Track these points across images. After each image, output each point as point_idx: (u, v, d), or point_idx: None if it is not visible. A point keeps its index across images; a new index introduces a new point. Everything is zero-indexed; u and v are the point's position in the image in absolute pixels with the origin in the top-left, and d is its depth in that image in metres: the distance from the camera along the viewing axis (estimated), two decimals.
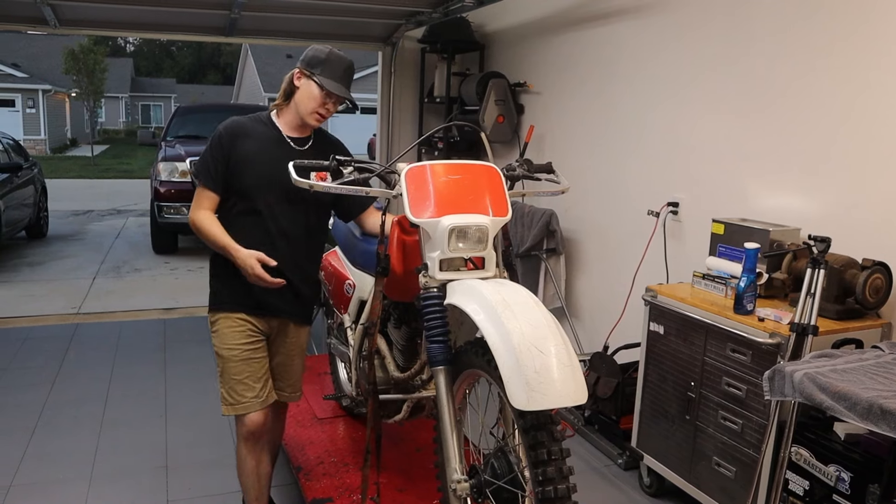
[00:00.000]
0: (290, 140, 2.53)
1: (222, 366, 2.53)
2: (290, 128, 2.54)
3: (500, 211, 2.16)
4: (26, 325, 5.64)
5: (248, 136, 2.47)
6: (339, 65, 2.47)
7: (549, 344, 1.79)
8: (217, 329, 2.54)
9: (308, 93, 2.46)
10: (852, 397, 1.96)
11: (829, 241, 2.51)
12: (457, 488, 2.00)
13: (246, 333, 2.53)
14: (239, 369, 2.51)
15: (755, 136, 3.27)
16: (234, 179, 2.46)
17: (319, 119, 2.50)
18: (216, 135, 2.46)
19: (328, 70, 2.45)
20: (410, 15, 5.67)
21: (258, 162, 2.46)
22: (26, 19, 5.57)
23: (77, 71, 26.75)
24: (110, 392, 4.32)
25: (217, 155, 2.45)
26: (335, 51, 2.50)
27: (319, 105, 2.46)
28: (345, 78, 2.48)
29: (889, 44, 2.69)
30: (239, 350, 2.51)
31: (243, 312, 2.53)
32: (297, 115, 2.50)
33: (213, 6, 5.26)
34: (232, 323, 2.52)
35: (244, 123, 2.50)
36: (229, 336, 2.51)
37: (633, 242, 4.02)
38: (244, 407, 2.51)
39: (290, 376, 2.73)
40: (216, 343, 2.55)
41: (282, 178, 2.35)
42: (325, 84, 2.43)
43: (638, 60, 4.03)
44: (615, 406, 3.62)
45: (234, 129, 2.47)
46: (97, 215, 12.09)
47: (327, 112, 2.48)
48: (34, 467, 3.41)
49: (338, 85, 2.46)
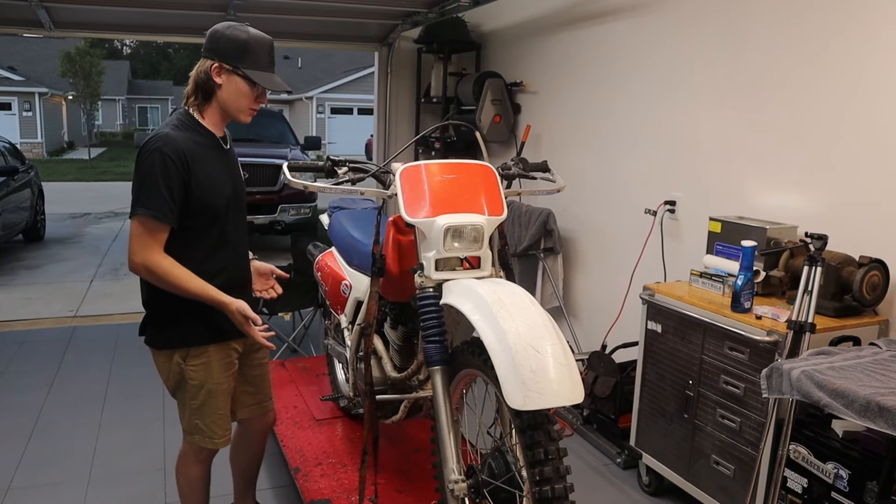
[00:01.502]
0: (220, 141, 2.31)
1: (203, 401, 2.32)
2: (216, 128, 2.29)
3: (496, 210, 2.16)
4: (24, 329, 5.63)
5: (194, 151, 2.18)
6: (261, 50, 2.21)
7: (545, 343, 1.79)
8: (203, 363, 2.29)
9: (236, 90, 2.20)
10: (850, 394, 1.96)
11: (825, 239, 2.51)
12: (454, 488, 2.00)
13: (231, 363, 2.37)
14: (224, 402, 2.38)
15: (752, 134, 3.27)
16: (194, 204, 2.18)
17: (253, 113, 2.27)
18: (161, 160, 2.09)
19: (253, 60, 2.19)
20: (407, 15, 5.67)
21: (215, 178, 2.23)
22: (21, 22, 5.57)
23: (73, 74, 26.74)
24: (108, 395, 4.31)
25: (174, 184, 2.11)
26: (251, 31, 2.22)
27: (252, 101, 2.24)
28: (271, 63, 2.25)
29: (886, 41, 2.69)
30: (227, 382, 2.37)
31: (234, 339, 2.35)
32: (226, 113, 2.26)
33: (208, 8, 5.26)
34: (223, 354, 2.33)
35: (182, 137, 2.17)
36: (219, 369, 2.32)
37: (631, 241, 4.02)
38: (227, 439, 2.42)
39: (266, 384, 2.62)
40: (198, 378, 2.29)
41: (233, 186, 2.31)
42: (257, 78, 2.19)
43: (634, 59, 4.03)
44: (614, 405, 3.62)
45: (180, 148, 2.13)
46: (94, 218, 12.06)
47: (259, 104, 2.27)
48: (32, 470, 3.40)
49: (269, 76, 2.23)
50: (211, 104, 2.24)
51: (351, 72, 29.65)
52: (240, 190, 2.39)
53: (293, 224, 8.51)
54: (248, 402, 2.58)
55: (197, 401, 2.33)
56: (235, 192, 2.34)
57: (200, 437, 2.39)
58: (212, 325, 2.28)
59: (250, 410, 2.59)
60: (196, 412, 2.35)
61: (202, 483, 2.55)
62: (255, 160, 7.99)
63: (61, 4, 5.14)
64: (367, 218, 3.18)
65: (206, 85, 2.20)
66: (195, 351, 2.29)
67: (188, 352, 2.29)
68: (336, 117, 29.92)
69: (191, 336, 2.28)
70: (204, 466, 2.52)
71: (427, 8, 5.37)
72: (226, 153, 2.33)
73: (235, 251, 2.35)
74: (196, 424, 2.37)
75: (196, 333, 2.28)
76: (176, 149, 2.12)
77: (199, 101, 2.24)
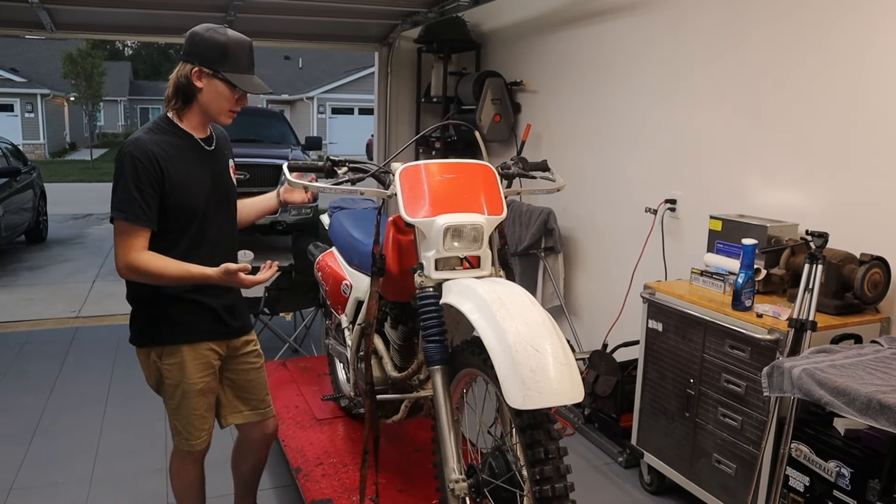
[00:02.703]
0: (201, 142, 2.31)
1: (179, 401, 2.35)
2: (197, 129, 2.29)
3: (495, 209, 2.16)
4: (26, 329, 5.64)
5: (167, 153, 2.18)
6: (241, 52, 2.21)
7: (545, 342, 1.78)
8: (176, 362, 2.31)
9: (216, 93, 2.21)
10: (851, 392, 1.95)
11: (826, 237, 2.51)
12: (455, 488, 2.00)
13: (209, 364, 2.36)
14: (198, 403, 2.36)
15: (752, 132, 3.27)
16: (171, 206, 2.20)
17: (233, 115, 2.28)
18: (131, 164, 2.12)
19: (232, 63, 2.19)
20: (406, 15, 5.67)
21: (192, 178, 2.24)
22: (23, 23, 5.57)
23: (75, 75, 26.76)
24: (110, 395, 4.32)
25: (145, 186, 2.13)
26: (230, 32, 2.22)
27: (233, 104, 2.25)
28: (251, 65, 2.25)
29: (886, 38, 2.68)
30: (202, 383, 2.36)
31: (209, 340, 2.35)
32: (207, 116, 2.27)
33: (208, 9, 5.26)
34: (197, 355, 2.33)
35: (155, 141, 2.18)
36: (193, 369, 2.32)
37: (632, 240, 4.01)
38: (203, 441, 2.43)
39: (259, 390, 2.57)
40: (174, 378, 2.32)
41: (214, 186, 2.31)
42: (237, 81, 2.20)
43: (634, 58, 4.02)
44: (615, 404, 3.61)
45: (150, 151, 2.14)
46: (96, 219, 12.08)
47: (240, 106, 2.28)
48: (34, 471, 3.40)
49: (250, 79, 2.24)
50: (191, 107, 2.25)
51: (351, 72, 29.66)
52: (225, 190, 2.37)
53: (294, 224, 8.50)
54: (240, 407, 2.54)
55: (174, 401, 2.37)
56: (218, 192, 2.33)
57: (178, 439, 2.42)
58: (183, 325, 2.30)
59: (243, 417, 2.55)
60: (174, 413, 2.39)
61: (195, 484, 2.56)
62: (255, 160, 7.99)
63: (62, 6, 5.15)
64: (368, 218, 3.18)
65: (186, 89, 2.21)
66: (168, 350, 2.31)
67: (162, 350, 2.32)
68: (337, 117, 29.92)
69: (163, 335, 2.31)
70: (195, 467, 2.52)
71: (427, 8, 5.37)
72: (209, 153, 2.33)
73: (213, 251, 2.32)
74: (174, 425, 2.42)
75: (169, 333, 2.30)
76: (145, 151, 2.14)
77: (178, 105, 2.24)
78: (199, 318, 2.31)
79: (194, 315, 2.30)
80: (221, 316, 2.37)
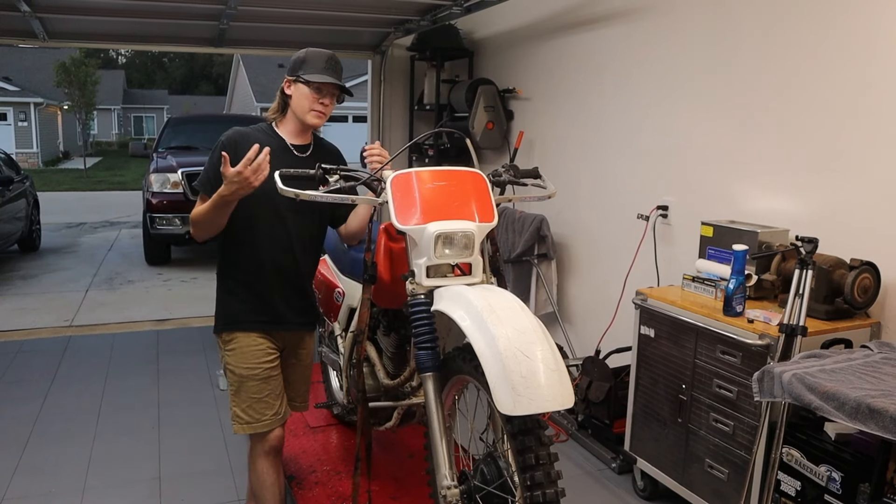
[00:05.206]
0: (293, 147, 2.53)
1: (238, 385, 2.50)
2: (292, 136, 2.55)
3: (487, 217, 2.17)
4: (18, 339, 5.61)
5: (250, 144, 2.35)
6: (319, 58, 2.49)
7: (535, 349, 1.79)
8: (235, 347, 2.50)
9: (300, 95, 2.47)
10: (840, 397, 1.96)
11: (816, 242, 2.53)
12: (447, 494, 2.00)
13: (266, 351, 2.51)
14: (259, 388, 2.49)
15: (743, 139, 3.29)
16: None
17: (320, 115, 2.50)
18: (217, 145, 2.44)
19: (309, 66, 2.47)
20: (399, 23, 5.68)
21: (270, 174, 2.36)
22: (15, 32, 5.56)
23: (69, 83, 26.71)
24: (103, 404, 4.30)
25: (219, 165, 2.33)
26: (313, 49, 2.52)
27: (314, 101, 2.46)
28: (328, 68, 2.48)
29: (876, 45, 2.71)
30: (260, 369, 2.49)
31: (260, 331, 2.51)
32: (298, 120, 2.51)
33: (201, 17, 5.26)
34: (251, 341, 2.50)
35: (246, 133, 2.48)
36: (250, 355, 2.49)
37: (624, 246, 4.02)
38: (265, 425, 2.50)
39: (302, 387, 2.74)
40: (232, 361, 2.51)
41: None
42: (311, 78, 2.44)
43: (626, 65, 4.05)
44: (608, 410, 3.62)
45: (235, 138, 2.44)
46: (90, 227, 12.05)
47: (324, 107, 2.49)
48: (26, 480, 3.39)
49: (322, 75, 2.46)
50: (287, 115, 2.54)
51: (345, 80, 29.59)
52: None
53: None
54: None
55: (233, 386, 2.52)
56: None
57: (238, 424, 2.52)
58: (236, 312, 2.50)
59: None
60: (233, 398, 2.53)
61: (267, 478, 2.56)
62: None
63: (55, 15, 5.15)
64: None
65: (282, 100, 2.53)
66: (226, 336, 2.52)
67: (221, 336, 2.54)
68: (331, 125, 29.71)
69: (224, 322, 2.53)
70: (264, 461, 2.55)
71: (419, 16, 5.38)
72: (300, 159, 2.52)
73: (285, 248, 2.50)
74: (234, 411, 2.53)
75: (224, 319, 2.53)
76: (231, 138, 2.44)
77: (277, 115, 2.56)
78: (251, 308, 2.50)
79: (245, 304, 2.50)
80: (276, 308, 2.52)
